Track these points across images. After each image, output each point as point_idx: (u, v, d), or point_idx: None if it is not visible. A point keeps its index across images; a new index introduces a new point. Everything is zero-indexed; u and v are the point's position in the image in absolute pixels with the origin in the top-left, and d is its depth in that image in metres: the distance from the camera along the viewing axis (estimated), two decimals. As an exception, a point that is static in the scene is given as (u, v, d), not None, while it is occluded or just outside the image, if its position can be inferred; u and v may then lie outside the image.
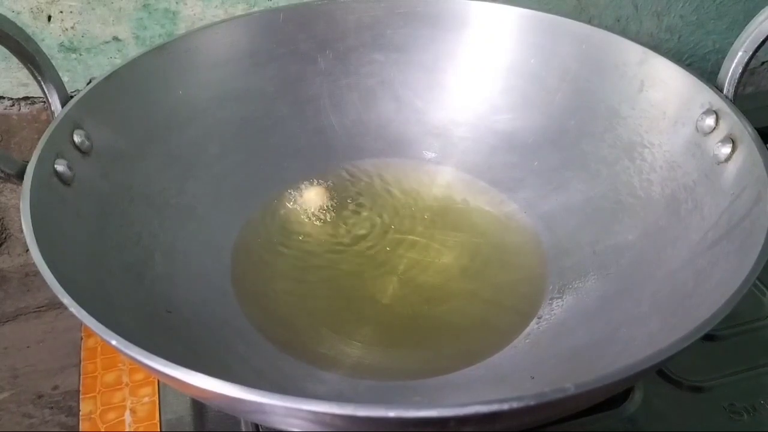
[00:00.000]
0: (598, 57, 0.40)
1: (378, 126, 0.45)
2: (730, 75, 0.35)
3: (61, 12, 0.44)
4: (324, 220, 0.42)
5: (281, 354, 0.34)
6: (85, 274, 0.30)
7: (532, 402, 0.21)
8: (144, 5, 0.44)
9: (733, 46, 0.35)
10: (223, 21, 0.42)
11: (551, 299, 0.37)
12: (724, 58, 0.35)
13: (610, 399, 0.34)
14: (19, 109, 0.47)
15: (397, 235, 0.41)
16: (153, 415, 0.36)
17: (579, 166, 0.41)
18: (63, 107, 0.34)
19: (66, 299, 0.25)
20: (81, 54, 0.45)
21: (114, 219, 0.34)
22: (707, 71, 0.59)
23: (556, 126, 0.42)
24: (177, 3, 0.45)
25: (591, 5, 0.53)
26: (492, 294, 0.38)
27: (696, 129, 0.35)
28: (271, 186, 0.43)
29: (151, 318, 0.32)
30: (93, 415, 0.37)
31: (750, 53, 0.34)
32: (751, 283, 0.26)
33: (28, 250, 0.27)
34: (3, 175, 0.31)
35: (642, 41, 0.39)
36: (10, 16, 0.42)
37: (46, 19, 0.44)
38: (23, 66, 0.33)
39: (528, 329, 0.35)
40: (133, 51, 0.46)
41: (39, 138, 0.32)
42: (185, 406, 0.36)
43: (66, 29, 0.44)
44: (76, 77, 0.46)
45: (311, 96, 0.44)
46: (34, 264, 0.26)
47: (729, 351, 0.37)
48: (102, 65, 0.46)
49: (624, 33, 0.40)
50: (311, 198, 0.42)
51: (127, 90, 0.37)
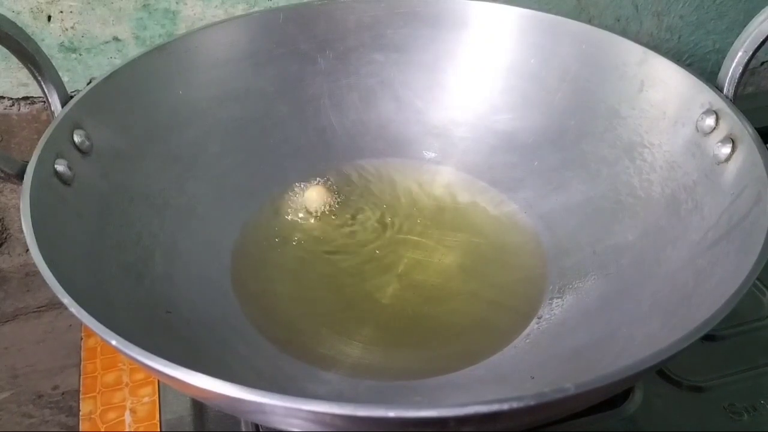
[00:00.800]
0: (598, 57, 0.40)
1: (378, 126, 0.45)
2: (730, 75, 0.35)
3: (61, 12, 0.44)
4: (324, 220, 0.42)
5: (281, 354, 0.34)
6: (85, 274, 0.30)
7: (532, 402, 0.21)
8: (144, 5, 0.44)
9: (733, 46, 0.35)
10: (223, 21, 0.42)
11: (551, 299, 0.37)
12: (724, 58, 0.35)
13: (610, 399, 0.34)
14: (19, 109, 0.47)
15: (397, 235, 0.41)
16: (153, 415, 0.36)
17: (579, 166, 0.41)
18: (63, 107, 0.34)
19: (66, 299, 0.25)
20: (81, 54, 0.45)
21: (114, 219, 0.34)
22: (707, 71, 0.59)
23: (556, 126, 0.42)
24: (177, 3, 0.45)
25: (591, 5, 0.53)
26: (492, 294, 0.38)
27: (696, 129, 0.35)
28: (271, 186, 0.43)
29: (151, 318, 0.32)
30: (93, 415, 0.37)
31: (750, 53, 0.34)
32: (751, 283, 0.26)
33: (28, 250, 0.27)
34: (3, 175, 0.31)
35: (642, 41, 0.39)
36: (10, 16, 0.42)
37: (46, 19, 0.44)
38: (23, 66, 0.33)
39: (528, 329, 0.35)
40: (133, 51, 0.46)
41: (39, 138, 0.32)
42: (185, 406, 0.36)
43: (66, 29, 0.44)
44: (76, 77, 0.46)
45: (311, 96, 0.44)
46: (34, 264, 0.26)
47: (729, 351, 0.37)
48: (102, 65, 0.46)
49: (624, 33, 0.40)
50: (311, 198, 0.42)
51: (127, 90, 0.37)
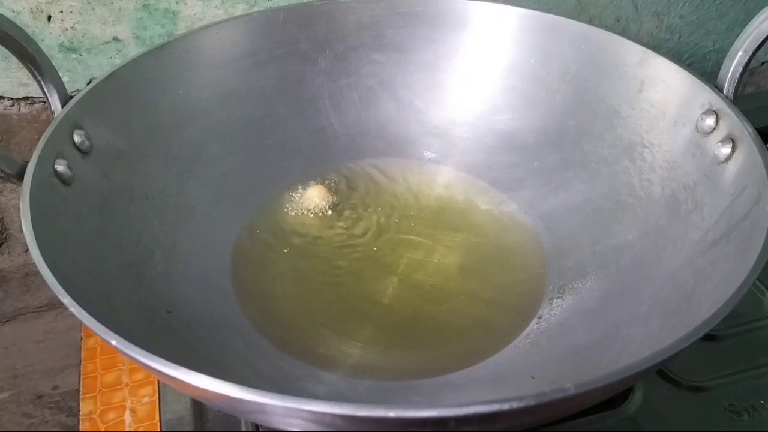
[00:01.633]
0: (598, 57, 0.40)
1: (378, 126, 0.45)
2: (730, 75, 0.35)
3: (61, 12, 0.44)
4: (324, 219, 0.42)
5: (281, 354, 0.34)
6: (85, 274, 0.30)
7: (532, 402, 0.21)
8: (144, 5, 0.44)
9: (733, 46, 0.35)
10: (223, 21, 0.42)
11: (551, 299, 0.37)
12: (724, 58, 0.35)
13: (610, 399, 0.34)
14: (19, 109, 0.47)
15: (397, 235, 0.41)
16: (153, 415, 0.36)
17: (579, 166, 0.41)
18: (63, 107, 0.34)
19: (66, 299, 0.25)
20: (81, 54, 0.45)
21: (114, 219, 0.34)
22: (707, 71, 0.59)
23: (556, 126, 0.42)
24: (177, 3, 0.45)
25: (591, 5, 0.53)
26: (492, 294, 0.38)
27: (696, 129, 0.35)
28: (271, 186, 0.43)
29: (151, 318, 0.32)
30: (93, 415, 0.37)
31: (750, 53, 0.34)
32: (751, 284, 0.26)
33: (28, 250, 0.27)
34: (3, 175, 0.31)
35: (642, 41, 0.39)
36: (10, 16, 0.42)
37: (46, 19, 0.44)
38: (23, 66, 0.33)
39: (528, 329, 0.35)
40: (133, 51, 0.46)
41: (39, 138, 0.32)
42: (185, 406, 0.36)
43: (66, 29, 0.44)
44: (76, 77, 0.46)
45: (311, 96, 0.44)
46: (34, 264, 0.26)
47: (729, 351, 0.37)
48: (102, 65, 0.46)
49: (624, 33, 0.40)
50: (311, 198, 0.42)
51: (127, 90, 0.37)
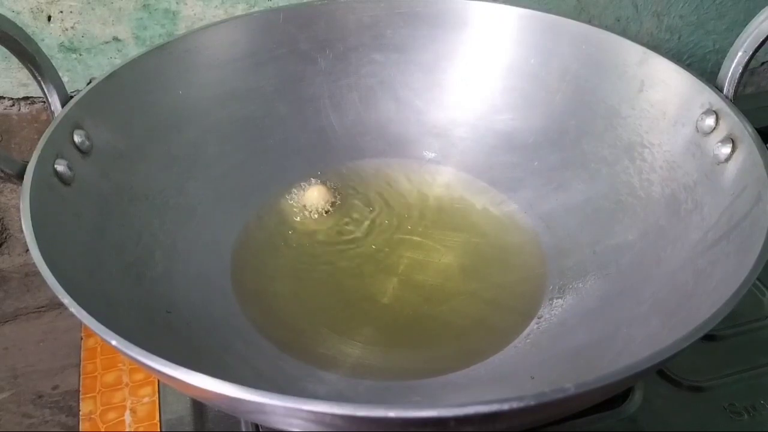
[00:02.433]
0: (598, 57, 0.40)
1: (378, 126, 0.45)
2: (730, 75, 0.35)
3: (61, 12, 0.44)
4: (324, 220, 0.42)
5: (281, 354, 0.34)
6: (85, 274, 0.30)
7: (532, 402, 0.21)
8: (144, 5, 0.44)
9: (733, 46, 0.35)
10: (223, 21, 0.42)
11: (551, 299, 0.37)
12: (724, 58, 0.35)
13: (610, 399, 0.34)
14: (19, 109, 0.47)
15: (397, 235, 0.41)
16: (153, 415, 0.36)
17: (579, 166, 0.41)
18: (63, 107, 0.34)
19: (66, 299, 0.25)
20: (81, 54, 0.45)
21: (114, 219, 0.34)
22: (707, 71, 0.59)
23: (556, 126, 0.42)
24: (177, 3, 0.45)
25: (591, 5, 0.53)
26: (492, 294, 0.38)
27: (696, 129, 0.35)
28: (271, 186, 0.43)
29: (151, 318, 0.32)
30: (93, 415, 0.37)
31: (750, 53, 0.34)
32: (751, 284, 0.26)
33: (28, 250, 0.27)
34: (3, 175, 0.31)
35: (642, 41, 0.39)
36: (10, 16, 0.42)
37: (46, 19, 0.44)
38: (23, 66, 0.33)
39: (528, 329, 0.35)
40: (133, 51, 0.46)
41: (39, 138, 0.32)
42: (185, 406, 0.36)
43: (66, 29, 0.44)
44: (76, 77, 0.46)
45: (311, 96, 0.44)
46: (34, 264, 0.26)
47: (729, 351, 0.37)
48: (102, 65, 0.46)
49: (624, 33, 0.40)
50: (311, 198, 0.42)
51: (127, 90, 0.37)
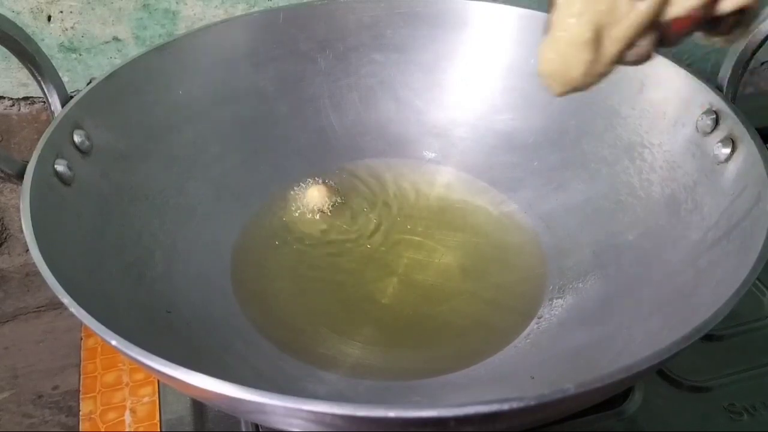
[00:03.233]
0: (598, 57, 0.40)
1: (378, 126, 0.45)
2: (730, 75, 0.35)
3: (61, 12, 0.44)
4: (324, 220, 0.42)
5: (281, 354, 0.34)
6: (85, 274, 0.30)
7: (532, 402, 0.21)
8: (144, 5, 0.44)
9: (733, 46, 0.35)
10: (223, 21, 0.42)
11: (551, 299, 0.37)
12: (724, 58, 0.35)
13: (610, 399, 0.34)
14: (19, 109, 0.47)
15: (397, 235, 0.41)
16: (153, 415, 0.36)
17: (579, 166, 0.41)
18: (63, 107, 0.34)
19: (66, 299, 0.25)
20: (81, 54, 0.45)
21: (114, 219, 0.34)
22: (707, 71, 0.59)
23: (556, 126, 0.42)
24: (177, 3, 0.45)
25: (591, 5, 0.53)
26: (492, 294, 0.38)
27: (696, 129, 0.35)
28: (271, 186, 0.43)
29: (151, 318, 0.32)
30: (93, 415, 0.37)
31: (750, 53, 0.34)
32: (751, 284, 0.26)
33: (28, 250, 0.27)
34: (3, 175, 0.31)
35: (642, 41, 0.39)
36: (10, 16, 0.42)
37: (46, 19, 0.44)
38: (23, 66, 0.33)
39: (528, 329, 0.35)
40: (133, 51, 0.46)
41: (39, 138, 0.32)
42: (185, 406, 0.36)
43: (66, 29, 0.44)
44: (76, 77, 0.46)
45: (311, 96, 0.44)
46: (34, 264, 0.26)
47: (729, 351, 0.37)
48: (102, 65, 0.46)
49: (624, 33, 0.40)
50: (311, 198, 0.42)
51: (127, 90, 0.37)
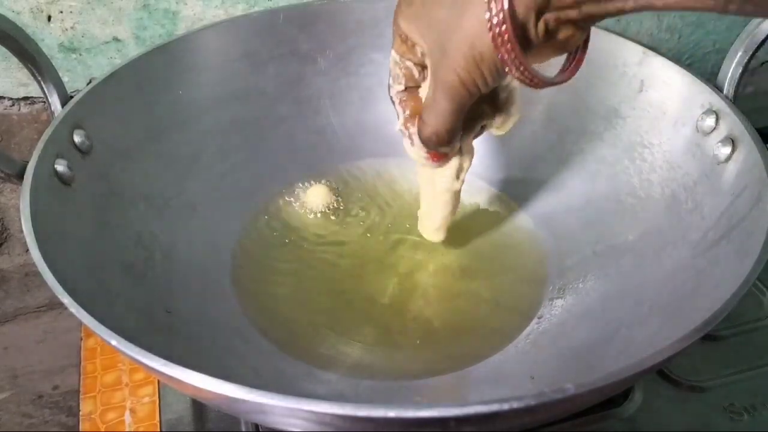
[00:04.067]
0: (597, 57, 0.40)
1: (378, 126, 0.45)
2: (730, 75, 0.35)
3: (61, 12, 0.44)
4: (324, 219, 0.42)
5: (281, 354, 0.34)
6: (85, 274, 0.30)
7: (532, 402, 0.21)
8: (144, 5, 0.44)
9: (733, 46, 0.35)
10: (223, 21, 0.42)
11: (551, 299, 0.37)
12: (724, 58, 0.35)
13: (610, 399, 0.34)
14: (19, 109, 0.47)
15: (397, 235, 0.41)
16: (153, 415, 0.36)
17: (579, 166, 0.41)
18: (63, 107, 0.34)
19: (66, 299, 0.25)
20: (81, 54, 0.45)
21: (114, 219, 0.34)
22: (707, 71, 0.59)
23: (556, 126, 0.42)
24: (177, 3, 0.45)
25: (591, 5, 0.53)
26: (492, 294, 0.38)
27: (696, 129, 0.35)
28: (271, 186, 0.43)
29: (151, 318, 0.32)
30: (93, 415, 0.37)
31: (750, 53, 0.34)
32: (751, 284, 0.26)
33: (28, 250, 0.27)
34: (3, 175, 0.31)
35: (642, 41, 0.39)
36: (10, 16, 0.42)
37: (46, 19, 0.44)
38: (23, 66, 0.34)
39: (528, 329, 0.35)
40: (133, 51, 0.46)
41: (39, 138, 0.32)
42: (185, 406, 0.36)
43: (66, 29, 0.44)
44: (76, 77, 0.46)
45: (311, 96, 0.44)
46: (34, 264, 0.26)
47: (729, 351, 0.38)
48: (102, 65, 0.46)
49: (624, 33, 0.40)
50: (311, 198, 0.42)
51: (127, 90, 0.37)
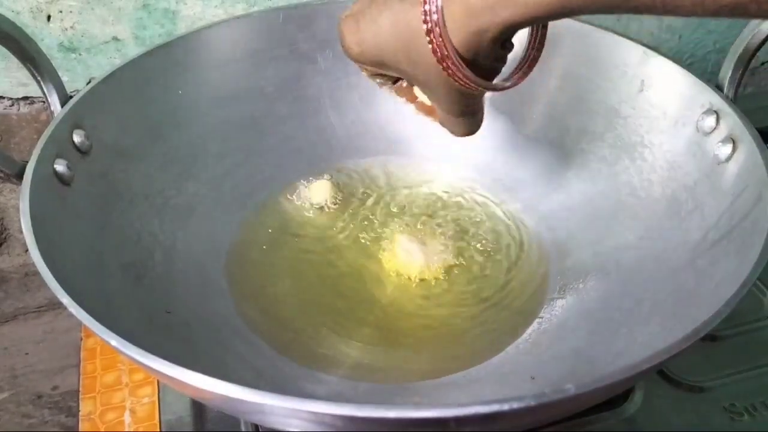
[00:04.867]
0: (598, 57, 0.40)
1: (378, 125, 0.45)
2: (730, 75, 0.35)
3: (61, 12, 0.44)
4: (323, 220, 0.42)
5: (281, 354, 0.34)
6: (85, 274, 0.30)
7: (532, 402, 0.21)
8: (144, 5, 0.44)
9: (733, 46, 0.35)
10: (223, 21, 0.42)
11: (552, 299, 0.37)
12: (724, 58, 0.35)
13: (610, 399, 0.34)
14: (19, 109, 0.47)
15: (397, 235, 0.41)
16: (153, 415, 0.36)
17: (579, 166, 0.41)
18: (63, 107, 0.34)
19: (66, 299, 0.25)
20: (81, 54, 0.45)
21: (114, 219, 0.34)
22: (707, 71, 0.59)
23: (556, 126, 0.42)
24: (177, 3, 0.45)
25: (591, 5, 0.53)
26: (492, 294, 0.38)
27: (696, 129, 0.35)
28: (271, 185, 0.43)
29: (151, 318, 0.32)
30: (93, 416, 0.37)
31: (750, 53, 0.34)
32: (752, 284, 0.26)
33: (27, 250, 0.27)
34: (3, 175, 0.31)
35: (642, 41, 0.39)
36: (10, 16, 0.42)
37: (45, 19, 0.44)
38: (23, 66, 0.33)
39: (528, 329, 0.35)
40: (133, 51, 0.46)
41: (39, 138, 0.32)
42: (185, 406, 0.36)
43: (66, 29, 0.44)
44: (75, 77, 0.46)
45: (311, 95, 0.44)
46: (34, 264, 0.26)
47: (729, 351, 0.37)
48: (102, 65, 0.46)
49: (624, 33, 0.40)
50: (311, 198, 0.42)
51: (127, 90, 0.37)
